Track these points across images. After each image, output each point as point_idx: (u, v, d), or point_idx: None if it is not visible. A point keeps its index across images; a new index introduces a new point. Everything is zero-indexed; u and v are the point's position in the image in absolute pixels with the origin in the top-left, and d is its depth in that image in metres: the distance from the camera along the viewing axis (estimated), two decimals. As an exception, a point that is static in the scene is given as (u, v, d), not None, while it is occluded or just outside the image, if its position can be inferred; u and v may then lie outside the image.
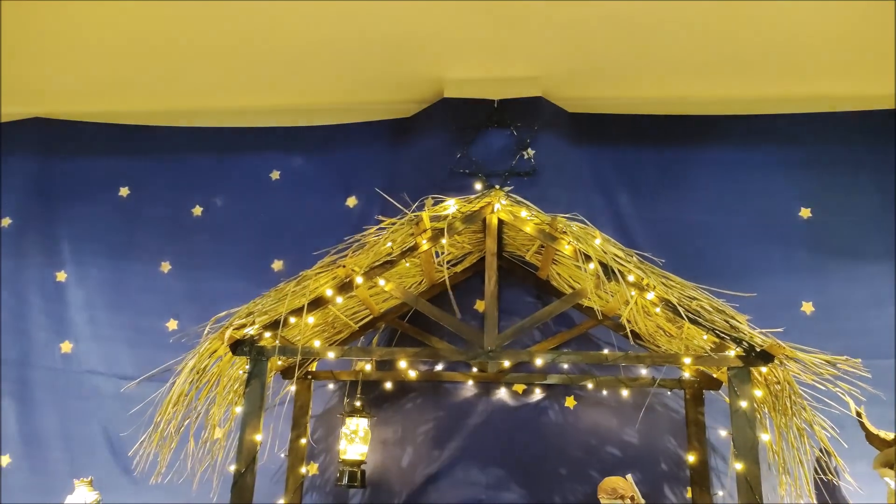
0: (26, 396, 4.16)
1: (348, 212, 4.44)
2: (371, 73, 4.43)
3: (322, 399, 3.99)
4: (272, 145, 4.69)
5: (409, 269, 3.73)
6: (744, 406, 2.85)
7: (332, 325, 3.75)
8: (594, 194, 4.25)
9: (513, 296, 4.02)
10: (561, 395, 3.86)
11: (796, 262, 4.01)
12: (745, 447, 2.81)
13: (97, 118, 4.90)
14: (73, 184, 4.69)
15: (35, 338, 4.29)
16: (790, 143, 4.26)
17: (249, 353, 3.04)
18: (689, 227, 4.14)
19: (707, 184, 4.25)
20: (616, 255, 3.06)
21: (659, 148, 4.38)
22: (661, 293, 2.97)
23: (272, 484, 3.74)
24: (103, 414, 4.04)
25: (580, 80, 4.41)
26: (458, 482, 3.74)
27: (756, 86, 4.36)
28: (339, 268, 3.12)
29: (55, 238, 4.53)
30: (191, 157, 4.68)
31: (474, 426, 3.82)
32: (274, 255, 4.33)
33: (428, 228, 3.19)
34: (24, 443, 4.07)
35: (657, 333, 3.56)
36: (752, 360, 2.91)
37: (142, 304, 4.29)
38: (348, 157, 4.61)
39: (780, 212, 4.14)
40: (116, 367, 4.12)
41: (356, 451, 3.60)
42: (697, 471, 3.55)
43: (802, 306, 3.95)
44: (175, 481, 3.33)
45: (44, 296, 4.38)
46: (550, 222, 3.19)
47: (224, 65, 4.36)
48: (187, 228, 4.48)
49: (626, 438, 3.76)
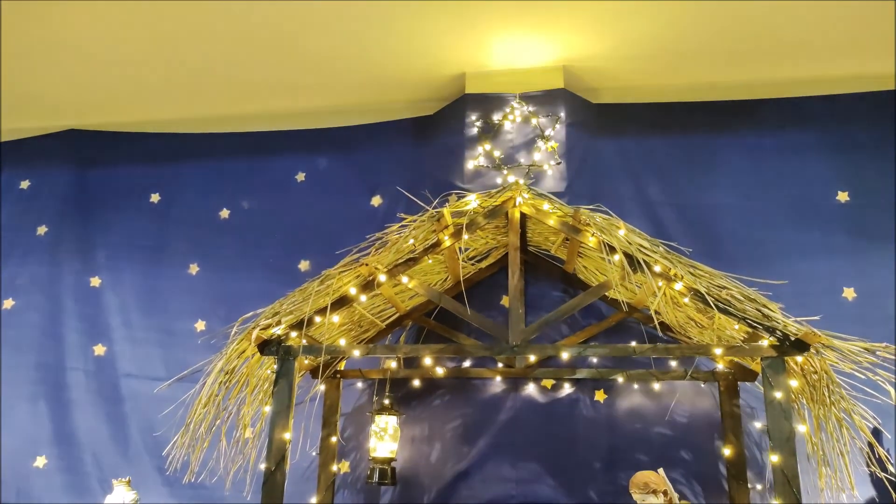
0: (62, 398, 4.29)
1: (373, 211, 4.46)
2: (393, 72, 4.44)
3: (351, 397, 4.01)
4: (297, 148, 4.74)
5: (433, 266, 3.73)
6: (779, 397, 2.77)
7: (359, 324, 3.77)
8: (622, 184, 4.18)
9: (539, 290, 3.99)
10: (591, 390, 3.81)
11: (835, 247, 3.87)
12: (781, 439, 2.73)
13: (128, 128, 5.04)
14: (107, 192, 4.83)
15: (70, 341, 4.42)
16: (824, 126, 4.12)
17: (277, 352, 3.07)
18: (722, 213, 4.04)
19: (739, 169, 4.14)
20: (641, 245, 3.00)
21: (687, 135, 4.29)
22: (689, 283, 2.91)
23: (304, 482, 3.78)
24: (136, 415, 4.14)
25: (603, 70, 4.35)
26: (488, 478, 3.72)
27: (786, 69, 4.23)
28: (362, 266, 3.13)
29: (90, 244, 4.66)
30: (218, 162, 4.76)
31: (503, 422, 3.80)
32: (300, 255, 4.37)
33: (450, 224, 3.18)
34: (60, 444, 4.19)
35: (688, 324, 3.49)
36: (786, 349, 2.82)
37: (171, 307, 4.39)
38: (372, 156, 4.63)
39: (816, 196, 4.00)
40: (148, 369, 4.22)
41: (386, 448, 3.61)
42: (734, 464, 3.46)
43: (844, 292, 3.81)
44: (208, 480, 3.39)
45: (78, 301, 4.52)
46: (573, 214, 3.15)
47: (248, 70, 4.42)
48: (215, 231, 4.57)
49: (658, 431, 3.69)
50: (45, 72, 4.49)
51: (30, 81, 4.60)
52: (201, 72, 4.46)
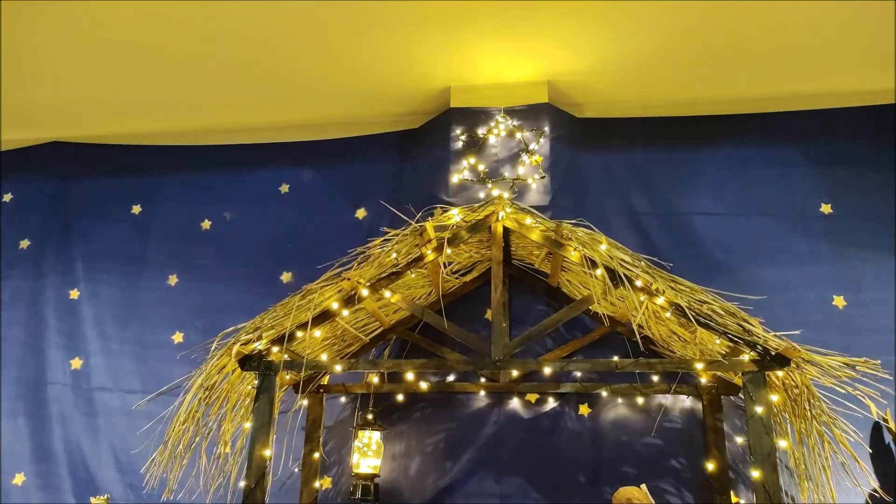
0: (40, 414, 4.23)
1: (358, 224, 4.45)
2: (378, 86, 4.44)
3: (334, 412, 3.98)
4: (281, 160, 4.73)
5: (416, 280, 3.71)
6: (759, 411, 2.77)
7: (342, 339, 3.74)
8: (606, 197, 4.20)
9: (523, 304, 3.98)
10: (575, 404, 3.80)
11: (823, 256, 3.90)
12: (762, 454, 2.73)
13: (111, 140, 5.01)
14: (88, 204, 4.79)
15: (50, 356, 4.37)
16: (808, 140, 4.17)
17: (258, 367, 3.04)
18: (707, 224, 4.06)
19: (723, 181, 4.18)
20: (623, 259, 3.00)
21: (671, 148, 4.32)
22: (670, 297, 2.91)
23: (286, 497, 3.73)
24: (112, 430, 4.08)
25: (588, 85, 4.37)
26: (472, 493, 3.69)
27: (769, 84, 4.27)
28: (344, 281, 3.11)
29: (70, 257, 4.62)
30: (200, 174, 4.74)
31: (487, 436, 3.78)
32: (283, 267, 4.35)
33: (432, 238, 3.17)
34: (38, 461, 4.13)
35: (671, 339, 3.50)
36: (766, 364, 2.83)
37: (149, 318, 4.34)
38: (357, 169, 4.63)
39: (801, 207, 4.04)
40: (123, 383, 4.16)
41: (369, 464, 3.57)
42: (718, 479, 3.46)
43: (834, 300, 3.83)
44: (187, 498, 3.34)
45: (58, 314, 4.47)
46: (556, 229, 3.15)
47: (232, 83, 4.41)
48: (196, 242, 4.53)
49: (643, 445, 3.68)
50: (27, 84, 4.46)
51: (11, 94, 4.57)
52: (184, 84, 4.44)
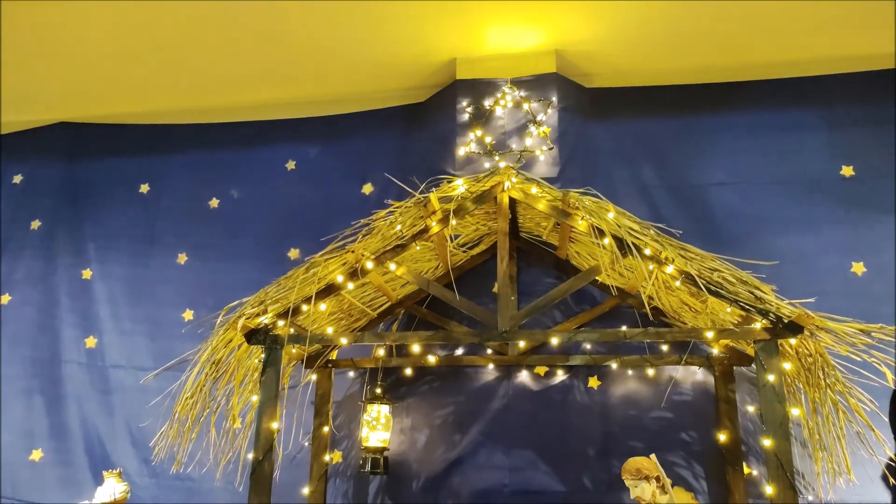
0: (56, 392, 4.28)
1: (364, 199, 4.41)
2: (383, 59, 4.38)
3: (343, 387, 3.98)
4: (287, 136, 4.70)
5: (423, 254, 3.68)
6: (771, 380, 2.72)
7: (349, 313, 3.73)
8: (616, 168, 4.12)
9: (531, 278, 3.94)
10: (584, 376, 3.77)
11: (842, 222, 3.77)
12: (775, 423, 2.68)
13: (118, 120, 5.01)
14: (97, 184, 4.81)
15: (64, 335, 4.41)
16: (824, 104, 4.04)
17: (264, 341, 3.04)
18: (720, 193, 3.96)
19: (736, 148, 4.07)
20: (631, 228, 2.95)
21: (682, 117, 4.22)
22: (679, 266, 2.85)
23: (296, 472, 3.75)
24: (126, 407, 4.12)
25: (596, 54, 4.27)
26: (481, 466, 3.68)
27: (781, 50, 4.15)
28: (348, 253, 3.09)
29: (81, 237, 4.65)
30: (207, 152, 4.73)
31: (496, 410, 3.76)
32: (290, 243, 4.33)
33: (437, 210, 3.13)
34: (54, 437, 4.19)
35: (682, 309, 3.44)
36: (779, 331, 2.77)
37: (160, 297, 4.36)
38: (363, 144, 4.58)
39: (819, 171, 3.91)
40: (136, 360, 4.20)
41: (378, 437, 3.58)
42: (730, 450, 3.42)
43: (853, 267, 3.73)
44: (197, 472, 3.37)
45: (71, 294, 4.50)
46: (562, 198, 3.10)
47: (237, 60, 4.37)
48: (204, 221, 4.53)
49: (653, 417, 3.65)
50: (35, 65, 4.46)
51: (19, 75, 4.57)
52: (190, 63, 4.41)
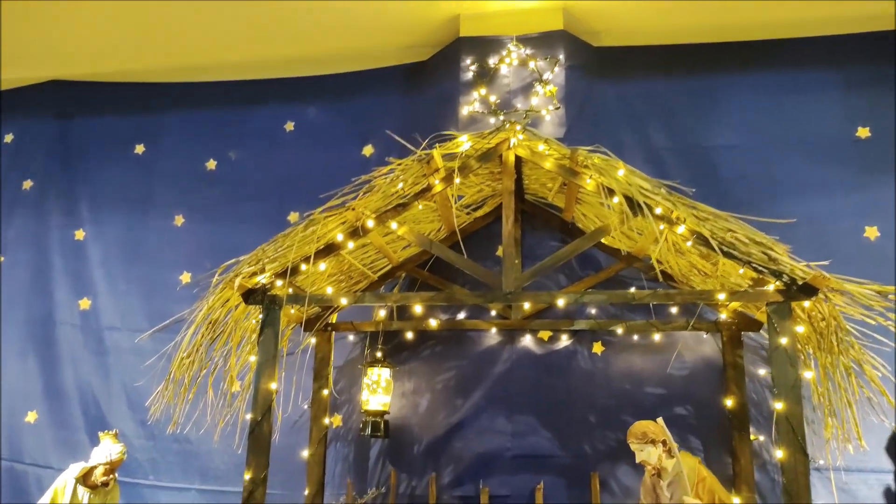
0: (50, 354, 4.23)
1: (365, 161, 4.30)
2: (384, 16, 4.22)
3: (344, 352, 3.91)
4: (286, 97, 4.56)
5: (426, 215, 3.58)
6: (784, 343, 2.64)
7: (349, 275, 3.65)
8: (623, 129, 4.00)
9: (536, 240, 3.85)
10: (588, 342, 3.70)
11: (855, 185, 3.66)
12: (786, 386, 2.61)
13: (112, 78, 4.86)
14: (91, 143, 4.69)
15: (57, 296, 4.34)
16: (841, 63, 3.90)
17: (262, 301, 2.96)
18: (731, 154, 3.85)
19: (748, 109, 3.95)
20: (642, 186, 2.84)
21: (692, 77, 4.09)
22: (691, 225, 2.76)
23: (296, 435, 3.70)
24: (122, 369, 4.06)
25: (605, 11, 4.12)
26: (483, 430, 3.64)
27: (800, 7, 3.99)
28: (349, 211, 2.99)
29: (74, 198, 4.55)
30: (204, 112, 4.60)
31: (499, 374, 3.70)
32: (290, 206, 4.22)
33: (440, 168, 3.02)
34: (50, 399, 4.15)
35: (691, 273, 3.35)
36: (793, 294, 2.69)
37: (155, 259, 4.28)
38: (363, 105, 4.45)
39: (833, 132, 3.79)
40: (132, 322, 4.13)
41: (379, 401, 3.52)
42: (736, 415, 3.36)
43: (866, 231, 3.63)
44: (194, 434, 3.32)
45: (64, 255, 4.42)
46: (570, 156, 2.99)
47: (234, 17, 4.22)
48: (201, 182, 4.42)
49: (658, 384, 3.59)
50: (26, 21, 4.30)
51: (10, 31, 4.42)
52: (186, 20, 4.26)
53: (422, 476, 3.64)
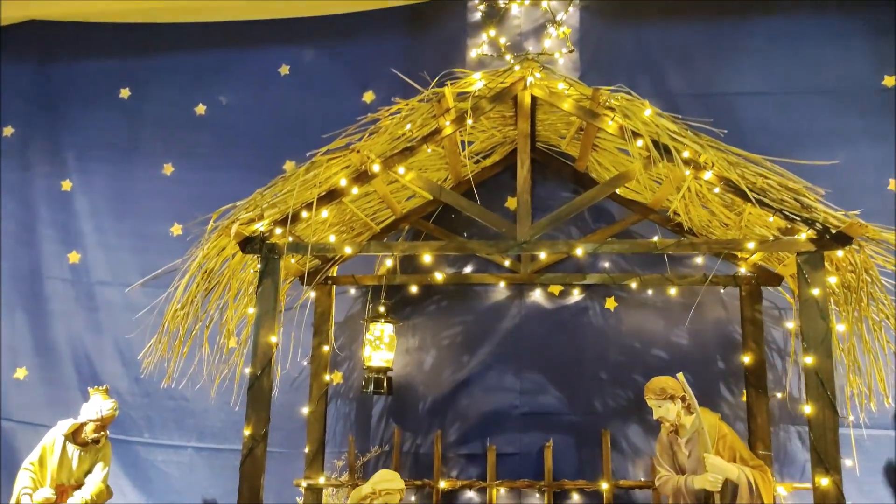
0: (39, 309, 4.03)
1: (365, 108, 4.05)
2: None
3: (345, 307, 3.75)
4: (280, 38, 4.28)
5: (433, 162, 3.39)
6: (815, 294, 2.50)
7: (351, 226, 3.47)
8: (639, 74, 3.79)
9: (548, 191, 3.68)
10: (601, 296, 3.56)
11: (881, 135, 3.50)
12: (817, 339, 2.48)
13: (95, 17, 4.54)
14: (74, 87, 4.40)
15: (44, 249, 4.12)
16: (869, 7, 3.69)
17: (260, 250, 2.78)
18: (752, 103, 3.67)
19: (770, 55, 3.75)
20: (669, 128, 2.66)
21: (713, 21, 3.87)
22: (720, 171, 2.59)
23: (295, 392, 3.57)
24: (114, 324, 3.89)
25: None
26: (490, 388, 3.53)
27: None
28: (353, 153, 2.79)
29: (59, 145, 4.28)
30: (193, 54, 4.31)
31: (507, 330, 3.58)
32: (285, 155, 3.99)
33: (451, 108, 2.82)
34: (39, 355, 3.98)
35: (711, 224, 3.20)
36: (826, 243, 2.55)
37: (145, 210, 4.06)
38: (363, 48, 4.19)
39: (860, 81, 3.62)
40: (123, 276, 3.92)
41: (381, 357, 3.38)
42: (753, 372, 3.25)
43: (890, 185, 3.49)
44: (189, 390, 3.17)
45: (51, 206, 4.18)
46: (591, 96, 2.79)
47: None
48: (190, 128, 4.16)
49: (672, 340, 3.48)
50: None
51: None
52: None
53: (427, 434, 3.53)
